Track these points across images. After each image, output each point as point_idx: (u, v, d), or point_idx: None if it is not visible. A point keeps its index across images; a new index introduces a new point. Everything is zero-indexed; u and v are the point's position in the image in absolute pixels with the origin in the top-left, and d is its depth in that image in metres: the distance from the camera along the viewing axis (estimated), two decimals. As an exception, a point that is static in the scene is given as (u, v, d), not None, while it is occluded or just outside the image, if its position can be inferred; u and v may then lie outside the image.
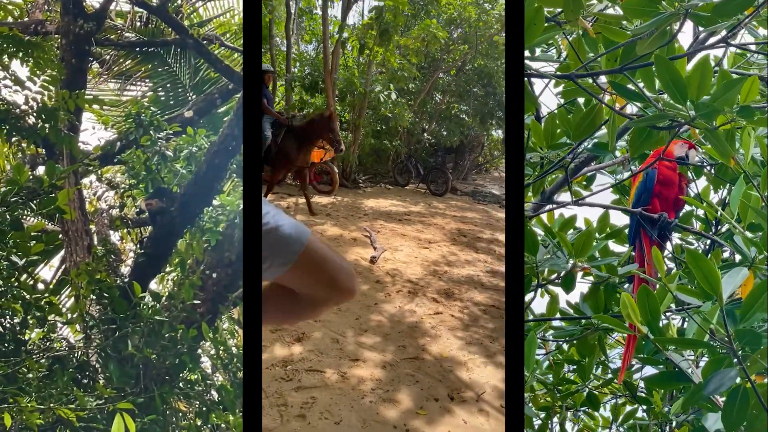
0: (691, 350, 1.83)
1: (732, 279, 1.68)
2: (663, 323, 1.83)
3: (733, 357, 1.63)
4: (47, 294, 3.46)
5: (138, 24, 5.49)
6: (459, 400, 3.80)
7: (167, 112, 5.31)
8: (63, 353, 3.45)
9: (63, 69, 4.29)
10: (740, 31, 1.80)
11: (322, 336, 4.48)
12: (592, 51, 1.88)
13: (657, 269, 1.79)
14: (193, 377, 3.68)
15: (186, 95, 5.49)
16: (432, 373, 4.10)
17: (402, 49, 11.69)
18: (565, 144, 2.05)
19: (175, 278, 4.11)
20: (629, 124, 1.86)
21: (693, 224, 2.34)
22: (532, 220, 2.14)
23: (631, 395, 2.31)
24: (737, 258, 1.82)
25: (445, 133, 12.88)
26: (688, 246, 2.33)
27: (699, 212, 2.33)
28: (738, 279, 1.68)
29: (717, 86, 1.64)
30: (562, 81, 1.95)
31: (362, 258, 6.66)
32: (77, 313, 3.61)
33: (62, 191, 3.39)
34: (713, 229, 2.31)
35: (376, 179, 12.50)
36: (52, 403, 3.08)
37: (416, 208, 9.94)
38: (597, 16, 1.79)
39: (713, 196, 2.34)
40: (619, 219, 2.29)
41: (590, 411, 2.37)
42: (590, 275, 2.08)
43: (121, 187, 4.72)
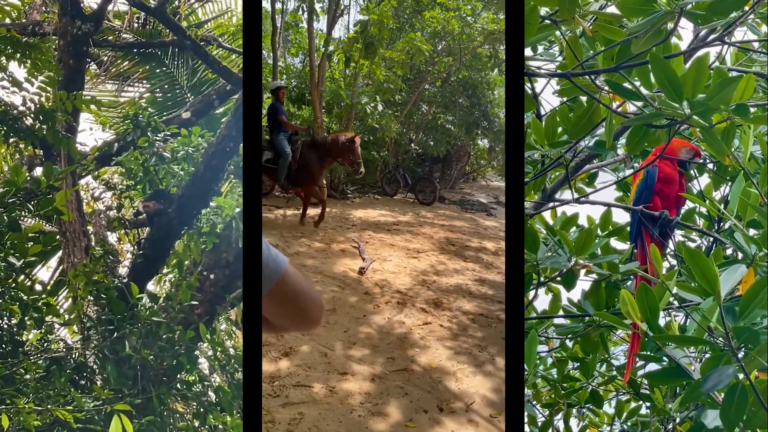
0: (692, 347, 1.83)
1: (730, 276, 1.68)
2: (666, 320, 1.83)
3: (732, 354, 1.63)
4: (45, 295, 3.45)
5: (136, 25, 5.49)
6: (448, 411, 3.79)
7: (165, 114, 5.31)
8: (60, 354, 3.45)
9: (60, 70, 4.29)
10: (736, 29, 1.81)
11: (310, 350, 4.45)
12: (592, 49, 1.89)
13: (656, 266, 1.79)
14: (191, 378, 3.68)
15: (184, 96, 5.49)
16: (421, 385, 4.09)
17: (387, 62, 11.84)
18: (566, 142, 2.05)
19: (173, 279, 4.11)
20: (625, 123, 1.87)
21: (696, 221, 2.33)
22: (533, 218, 2.14)
23: (635, 392, 2.32)
24: (740, 256, 1.82)
25: (432, 143, 13.06)
26: (690, 243, 2.34)
27: (702, 209, 2.32)
28: (736, 276, 1.68)
29: (713, 84, 1.65)
30: (562, 79, 1.95)
31: (351, 269, 6.62)
32: (75, 314, 3.61)
33: (60, 192, 3.39)
34: (716, 227, 2.30)
35: (365, 189, 12.57)
36: (50, 405, 3.07)
37: (405, 218, 9.97)
38: (596, 15, 1.80)
39: (715, 193, 2.34)
40: (622, 216, 2.30)
41: (594, 408, 2.37)
42: (592, 273, 2.08)
43: (119, 189, 4.72)
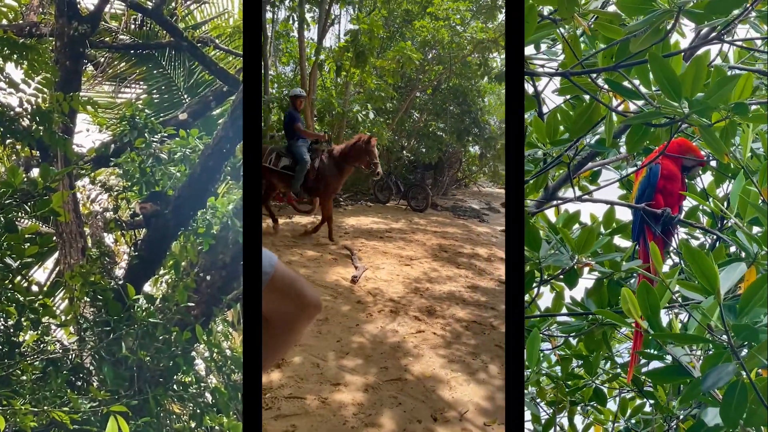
0: (693, 345, 1.84)
1: (730, 274, 1.69)
2: (669, 318, 1.84)
3: (731, 352, 1.64)
4: (41, 296, 3.44)
5: (132, 26, 5.49)
6: (442, 421, 3.73)
7: (161, 115, 5.31)
8: (57, 355, 3.44)
9: (57, 71, 4.29)
10: (737, 27, 1.82)
11: (302, 361, 4.38)
12: (593, 48, 1.89)
13: (655, 264, 1.80)
14: (187, 379, 3.67)
15: (180, 98, 5.49)
16: (415, 394, 4.04)
17: (378, 70, 11.92)
18: (568, 140, 2.06)
19: (169, 280, 4.10)
20: (625, 121, 1.87)
21: (700, 219, 2.34)
22: (535, 216, 2.14)
23: (638, 390, 2.32)
24: (743, 254, 1.83)
25: (424, 150, 13.11)
26: (693, 241, 2.34)
27: (706, 207, 2.33)
28: (736, 274, 1.69)
29: (712, 83, 1.65)
30: (564, 78, 1.96)
31: (343, 278, 6.55)
32: (71, 316, 3.61)
33: (56, 193, 3.38)
34: (719, 225, 2.31)
35: (357, 197, 12.58)
36: (46, 406, 3.06)
37: (397, 225, 9.90)
38: (596, 14, 1.81)
39: (718, 191, 2.35)
40: (626, 214, 2.30)
41: (598, 406, 2.38)
42: (595, 271, 2.09)
43: (115, 190, 4.71)
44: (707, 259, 1.61)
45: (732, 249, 2.16)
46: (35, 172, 4.38)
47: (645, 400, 2.34)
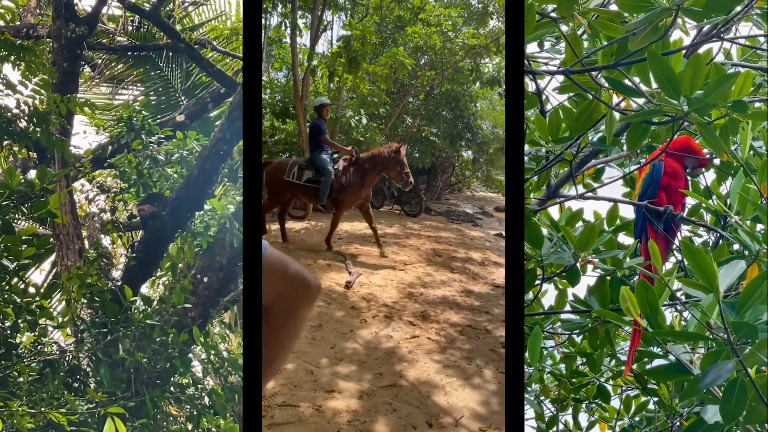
0: (692, 343, 1.84)
1: (729, 272, 1.69)
2: (671, 316, 1.84)
3: (731, 349, 1.64)
4: (38, 298, 3.43)
5: (130, 28, 5.48)
6: (437, 427, 3.72)
7: (159, 116, 5.29)
8: (54, 357, 3.42)
9: (54, 73, 4.28)
10: (739, 25, 1.82)
11: (296, 368, 4.36)
12: (594, 46, 1.90)
13: (654, 262, 1.80)
14: (184, 381, 3.66)
15: (178, 99, 5.49)
16: (409, 400, 4.01)
17: (371, 76, 11.95)
18: (570, 138, 2.06)
19: (167, 282, 4.09)
20: (625, 119, 1.88)
21: (703, 217, 2.34)
22: (537, 214, 2.15)
23: (642, 387, 2.32)
24: (746, 252, 1.83)
25: (417, 155, 13.15)
26: (696, 239, 2.35)
27: (707, 205, 2.33)
28: (735, 272, 1.69)
29: (711, 81, 1.66)
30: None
31: (337, 283, 6.52)
32: (68, 317, 3.59)
33: (53, 195, 3.37)
34: (722, 222, 2.30)
35: (350, 202, 12.67)
36: (43, 407, 3.05)
37: (391, 230, 9.89)
38: (596, 12, 1.81)
39: (721, 188, 2.35)
40: (630, 212, 2.30)
41: (602, 403, 2.38)
42: (598, 268, 2.09)
43: (113, 191, 4.70)
44: (706, 257, 1.61)
45: (736, 247, 2.16)
46: (32, 174, 4.38)
47: (649, 398, 2.34)
